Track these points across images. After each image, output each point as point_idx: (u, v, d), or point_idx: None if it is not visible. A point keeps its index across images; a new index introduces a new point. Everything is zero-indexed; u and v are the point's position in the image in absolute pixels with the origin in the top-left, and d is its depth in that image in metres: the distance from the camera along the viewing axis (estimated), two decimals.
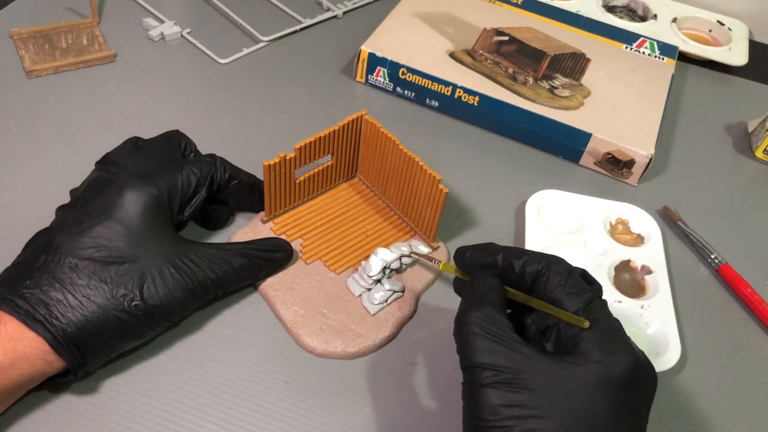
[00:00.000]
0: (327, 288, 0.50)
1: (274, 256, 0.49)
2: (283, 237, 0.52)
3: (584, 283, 0.39)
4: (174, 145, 0.49)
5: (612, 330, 0.37)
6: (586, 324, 0.36)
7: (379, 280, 0.49)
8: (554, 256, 0.40)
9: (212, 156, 0.49)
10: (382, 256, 0.49)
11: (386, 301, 0.49)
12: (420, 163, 0.49)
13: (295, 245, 0.51)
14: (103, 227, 0.42)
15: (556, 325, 0.38)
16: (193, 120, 0.62)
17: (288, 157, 0.49)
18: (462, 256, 0.43)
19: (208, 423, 0.43)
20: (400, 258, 0.50)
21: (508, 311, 0.40)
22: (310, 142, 0.50)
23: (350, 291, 0.50)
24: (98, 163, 0.47)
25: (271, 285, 0.49)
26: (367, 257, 0.50)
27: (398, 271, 0.51)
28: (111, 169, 0.46)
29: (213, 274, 0.44)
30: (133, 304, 0.41)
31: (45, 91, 0.63)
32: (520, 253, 0.40)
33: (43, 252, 0.41)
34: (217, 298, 0.47)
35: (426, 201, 0.51)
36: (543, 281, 0.39)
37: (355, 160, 0.56)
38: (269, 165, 0.48)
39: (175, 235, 0.45)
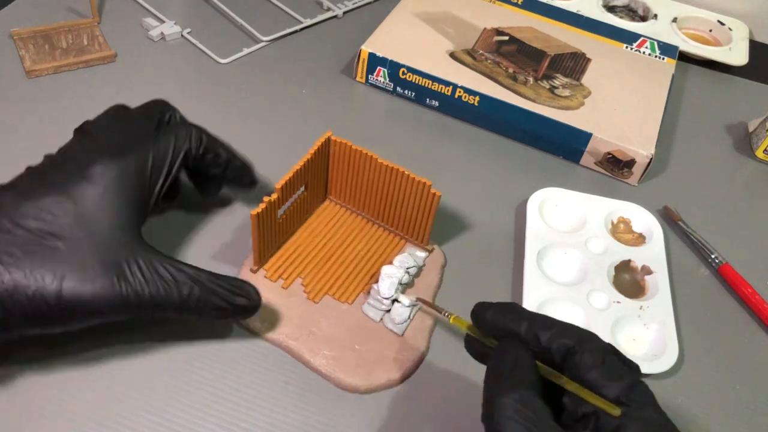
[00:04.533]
0: (346, 322, 0.47)
1: (235, 299, 0.42)
2: (280, 281, 0.49)
3: (622, 364, 0.34)
4: (156, 117, 0.46)
5: (660, 421, 0.32)
6: (617, 412, 0.32)
7: (395, 299, 0.48)
8: (585, 331, 0.35)
9: (188, 127, 0.46)
10: (390, 275, 0.48)
11: (409, 317, 0.48)
12: (406, 173, 0.48)
13: (296, 286, 0.49)
14: (52, 200, 0.39)
15: (595, 413, 0.33)
16: (192, 120, 0.62)
17: (273, 200, 0.45)
18: (482, 314, 0.38)
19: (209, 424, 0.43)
20: (407, 270, 0.49)
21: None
22: (291, 178, 0.47)
23: (370, 318, 0.48)
24: (76, 131, 0.45)
25: (288, 335, 0.46)
26: (373, 279, 0.49)
27: (409, 284, 0.50)
28: (83, 141, 0.43)
29: (154, 290, 0.39)
30: (49, 290, 0.37)
31: (45, 91, 0.62)
32: (548, 323, 0.35)
33: None
34: (161, 320, 0.42)
35: (416, 207, 0.50)
36: (576, 360, 0.34)
37: (325, 183, 0.53)
38: (257, 214, 0.44)
39: (133, 231, 0.41)
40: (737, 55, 0.79)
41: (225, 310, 0.42)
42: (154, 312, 0.40)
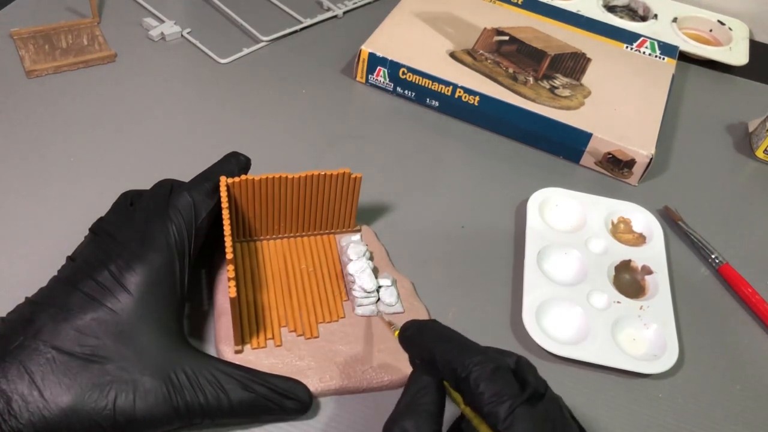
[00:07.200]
0: (353, 333, 0.46)
1: (284, 403, 0.41)
2: (270, 342, 0.45)
3: (513, 383, 0.32)
4: (166, 193, 0.45)
5: None
6: None
7: (378, 287, 0.48)
8: (480, 351, 0.33)
9: (187, 203, 0.44)
10: (362, 269, 0.48)
11: (398, 295, 0.49)
12: (324, 173, 0.47)
13: (286, 335, 0.46)
14: (93, 320, 0.38)
15: None
16: (192, 120, 0.62)
17: (233, 276, 0.41)
18: (402, 334, 0.37)
19: None
20: (365, 255, 0.49)
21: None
22: (230, 248, 0.42)
23: (368, 316, 0.47)
24: (92, 231, 0.44)
25: (323, 379, 0.44)
26: (342, 280, 0.49)
27: (376, 268, 0.50)
28: (103, 243, 0.42)
29: (203, 399, 0.39)
30: (104, 413, 0.37)
31: (45, 91, 0.63)
32: (447, 347, 0.34)
33: (22, 332, 0.38)
34: (208, 425, 0.40)
35: (340, 198, 0.49)
36: (466, 387, 0.32)
37: (237, 227, 0.50)
38: (235, 297, 0.40)
39: (174, 334, 0.40)
40: (737, 55, 0.78)
41: (276, 413, 0.41)
42: (204, 419, 0.40)
